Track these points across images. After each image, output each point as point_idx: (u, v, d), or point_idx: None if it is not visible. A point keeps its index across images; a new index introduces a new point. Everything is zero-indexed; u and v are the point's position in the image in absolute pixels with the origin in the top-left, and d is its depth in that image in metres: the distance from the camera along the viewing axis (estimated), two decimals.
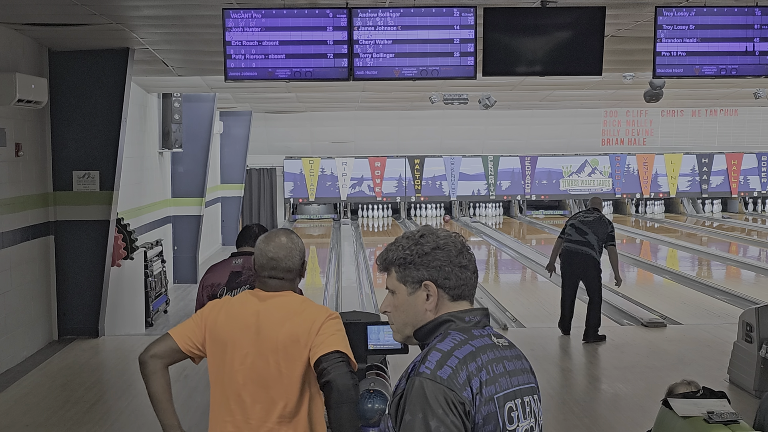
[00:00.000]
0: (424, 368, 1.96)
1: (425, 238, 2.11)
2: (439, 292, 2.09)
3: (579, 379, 7.46)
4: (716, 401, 4.11)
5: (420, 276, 2.09)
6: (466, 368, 1.97)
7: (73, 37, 8.27)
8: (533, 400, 2.11)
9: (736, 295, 11.87)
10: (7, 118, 7.87)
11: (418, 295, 2.09)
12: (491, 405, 1.97)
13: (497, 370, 2.02)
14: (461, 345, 2.01)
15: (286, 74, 6.64)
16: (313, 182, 23.47)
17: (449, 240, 2.11)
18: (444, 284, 2.08)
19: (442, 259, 2.08)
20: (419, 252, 2.09)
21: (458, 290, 2.09)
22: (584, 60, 6.73)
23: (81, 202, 8.92)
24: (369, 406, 4.51)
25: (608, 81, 12.48)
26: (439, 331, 2.07)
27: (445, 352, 1.99)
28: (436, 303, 2.09)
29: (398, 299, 2.13)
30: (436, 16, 6.58)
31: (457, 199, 24.19)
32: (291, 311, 3.03)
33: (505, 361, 2.06)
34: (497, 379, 2.01)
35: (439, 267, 2.08)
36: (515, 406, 2.03)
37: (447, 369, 1.95)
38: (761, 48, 6.72)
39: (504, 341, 2.12)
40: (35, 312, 8.56)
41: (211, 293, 4.72)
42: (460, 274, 2.09)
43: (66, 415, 6.55)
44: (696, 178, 24.50)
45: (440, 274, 2.08)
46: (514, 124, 22.85)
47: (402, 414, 1.95)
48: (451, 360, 1.97)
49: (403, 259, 2.10)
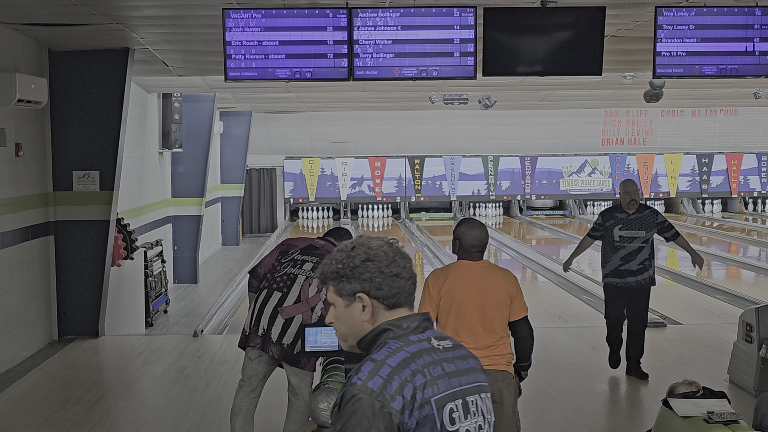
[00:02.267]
0: (356, 379, 2.01)
1: (356, 250, 2.14)
2: (374, 303, 2.13)
3: (579, 379, 7.46)
4: (716, 401, 4.11)
5: (353, 288, 2.13)
6: (398, 376, 2.00)
7: (73, 37, 8.27)
8: (480, 398, 2.15)
9: (736, 295, 11.87)
10: (7, 118, 7.87)
11: (354, 307, 2.14)
12: (427, 408, 2.01)
13: (435, 373, 2.06)
14: (395, 353, 2.05)
15: (286, 74, 6.64)
16: (313, 182, 23.47)
17: (380, 250, 2.14)
18: (377, 295, 2.12)
19: (373, 271, 2.11)
20: (350, 265, 2.13)
21: (393, 299, 2.13)
22: (584, 60, 6.73)
23: (81, 202, 8.92)
24: None
25: (608, 81, 12.47)
26: (379, 341, 2.12)
27: (378, 361, 2.03)
28: (371, 314, 2.13)
29: (338, 311, 2.17)
30: (436, 16, 6.57)
31: (457, 199, 24.19)
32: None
33: (444, 363, 2.10)
34: (435, 382, 2.04)
35: (370, 278, 2.12)
36: (456, 407, 2.07)
37: (378, 379, 1.99)
38: (761, 48, 6.72)
39: (447, 343, 2.16)
40: (35, 312, 8.56)
41: (284, 249, 5.27)
42: (392, 283, 2.12)
43: (66, 415, 6.55)
44: (696, 178, 24.50)
45: (372, 286, 2.12)
46: (514, 124, 22.85)
47: (335, 422, 2.02)
48: (383, 370, 2.01)
49: (336, 272, 2.15)
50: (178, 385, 7.45)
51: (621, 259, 7.27)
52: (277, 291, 5.08)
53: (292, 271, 5.12)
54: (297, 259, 5.20)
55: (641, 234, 7.25)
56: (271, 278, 5.17)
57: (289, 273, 5.12)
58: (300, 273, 5.13)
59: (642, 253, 7.26)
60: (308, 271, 5.13)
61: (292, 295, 5.05)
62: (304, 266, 5.15)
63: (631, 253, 7.26)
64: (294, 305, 5.04)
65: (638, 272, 7.27)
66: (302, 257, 5.19)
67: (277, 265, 5.23)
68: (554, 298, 12.10)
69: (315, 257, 5.19)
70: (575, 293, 12.46)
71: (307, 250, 5.24)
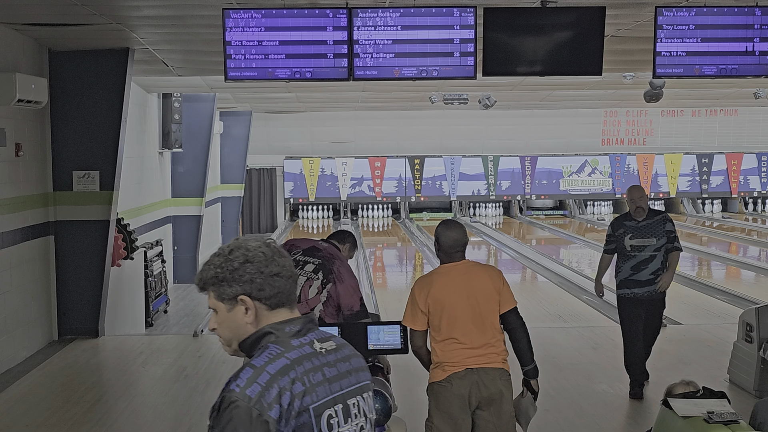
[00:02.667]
0: (234, 385, 2.00)
1: (234, 253, 2.13)
2: (256, 305, 2.12)
3: (579, 379, 7.46)
4: (716, 401, 4.11)
5: (234, 292, 2.12)
6: (277, 384, 2.00)
7: (73, 37, 8.27)
8: (362, 398, 2.16)
9: (736, 295, 11.86)
10: (7, 118, 7.87)
11: (236, 310, 2.13)
12: (305, 416, 2.01)
13: (315, 380, 2.06)
14: (275, 359, 2.04)
15: (286, 74, 6.64)
16: (313, 182, 23.47)
17: (259, 251, 2.14)
18: (259, 296, 2.12)
19: (253, 272, 2.11)
20: (229, 268, 2.12)
21: (275, 299, 2.13)
22: (584, 60, 6.72)
23: (81, 202, 8.92)
24: None
25: (608, 81, 12.47)
26: (261, 344, 2.11)
27: (258, 368, 2.02)
28: (255, 315, 2.13)
29: (220, 316, 2.16)
30: (436, 16, 6.57)
31: (457, 199, 24.19)
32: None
33: (325, 368, 2.10)
34: (314, 389, 2.05)
35: (251, 280, 2.11)
36: (335, 412, 2.08)
37: (256, 387, 1.99)
38: (761, 48, 6.71)
39: (330, 344, 2.16)
40: (35, 312, 8.56)
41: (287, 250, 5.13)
42: (273, 283, 2.12)
43: (66, 415, 6.55)
44: (696, 178, 24.50)
45: (253, 287, 2.11)
46: (514, 124, 22.85)
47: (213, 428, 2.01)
48: (261, 377, 2.00)
49: (215, 277, 2.13)
50: (178, 385, 7.45)
51: (631, 268, 6.85)
52: None
53: None
54: (299, 259, 5.21)
55: (652, 242, 6.80)
56: None
57: None
58: (301, 274, 5.14)
59: (654, 263, 6.79)
60: (309, 273, 5.14)
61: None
62: (305, 267, 5.16)
63: (642, 263, 6.82)
64: None
65: (648, 283, 6.81)
66: (304, 258, 5.21)
67: None
68: (554, 298, 12.10)
69: (317, 259, 5.19)
70: (575, 293, 12.46)
71: (309, 251, 5.25)
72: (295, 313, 2.17)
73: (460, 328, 4.32)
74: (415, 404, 5.94)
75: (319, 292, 5.10)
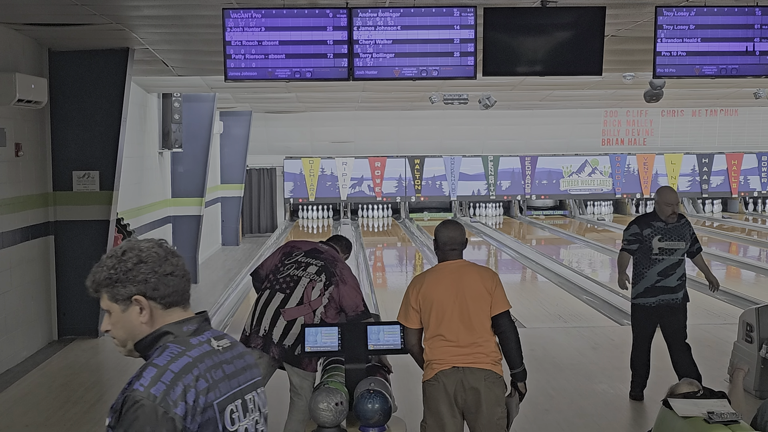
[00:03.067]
0: (138, 385, 2.02)
1: (127, 254, 2.16)
2: (151, 304, 2.15)
3: (579, 379, 7.46)
4: (716, 401, 4.10)
5: (128, 292, 2.14)
6: (181, 382, 2.03)
7: (73, 37, 8.27)
8: (256, 394, 2.23)
9: (736, 295, 11.86)
10: (7, 118, 7.86)
11: (131, 310, 2.15)
12: (210, 411, 2.06)
13: (216, 376, 2.10)
14: (177, 358, 2.07)
15: (286, 74, 6.64)
16: (313, 182, 23.47)
17: (152, 251, 2.17)
18: (154, 295, 2.14)
19: (147, 272, 2.14)
20: (123, 269, 2.15)
21: (169, 298, 2.16)
22: (584, 60, 6.72)
23: (81, 202, 8.92)
24: (369, 407, 4.50)
25: (608, 81, 12.47)
26: (159, 344, 2.14)
27: (161, 367, 2.04)
28: (149, 315, 2.15)
29: (114, 317, 2.18)
30: (436, 16, 6.57)
31: (457, 199, 24.19)
32: None
33: (224, 365, 2.15)
34: (216, 386, 2.09)
35: (145, 280, 2.14)
36: (236, 407, 2.14)
37: (161, 385, 2.01)
38: (761, 48, 6.71)
39: (225, 342, 2.20)
40: (35, 312, 8.55)
41: (288, 251, 5.32)
42: (167, 282, 2.15)
43: (66, 415, 6.55)
44: (696, 178, 24.49)
45: (148, 287, 2.14)
46: (514, 124, 22.85)
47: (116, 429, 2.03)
48: (165, 375, 2.03)
49: (109, 278, 2.16)
50: None
51: (659, 274, 6.44)
52: (279, 292, 5.09)
53: (295, 273, 5.14)
54: (301, 261, 5.21)
55: (681, 245, 6.46)
56: (274, 279, 5.18)
57: (292, 275, 5.13)
58: (304, 275, 5.14)
59: (680, 267, 6.48)
60: (312, 274, 5.14)
61: (295, 296, 5.07)
62: (308, 269, 5.17)
63: (671, 267, 6.45)
64: (296, 307, 5.05)
65: (676, 289, 6.47)
66: (306, 260, 5.21)
67: (280, 266, 5.24)
68: (554, 298, 12.10)
69: (320, 260, 5.20)
70: (575, 293, 12.45)
71: (311, 252, 5.25)
72: (188, 312, 2.21)
73: (447, 326, 4.32)
74: (415, 404, 5.93)
75: (322, 294, 5.10)
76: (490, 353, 4.33)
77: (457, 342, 4.30)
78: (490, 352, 4.34)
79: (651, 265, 6.48)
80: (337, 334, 4.90)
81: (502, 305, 4.39)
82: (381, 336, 4.91)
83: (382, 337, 4.91)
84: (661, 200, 6.49)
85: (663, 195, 6.50)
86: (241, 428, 2.14)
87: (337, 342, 4.89)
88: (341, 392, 4.61)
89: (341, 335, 4.90)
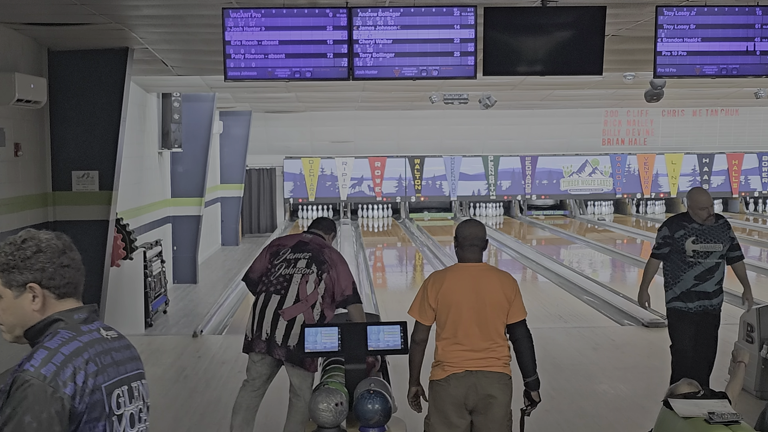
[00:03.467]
0: (28, 365, 2.08)
1: (27, 243, 2.23)
2: (45, 293, 2.22)
3: (579, 379, 7.45)
4: (717, 402, 4.09)
5: (24, 279, 2.21)
6: (72, 364, 2.11)
7: (73, 37, 8.25)
8: (141, 384, 2.33)
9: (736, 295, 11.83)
10: (6, 118, 7.85)
11: (24, 297, 2.22)
12: (98, 394, 2.15)
13: (105, 361, 2.20)
14: (69, 342, 2.15)
15: (286, 74, 6.63)
16: (313, 182, 23.46)
17: (51, 242, 2.24)
18: (49, 284, 2.22)
19: (45, 261, 2.21)
20: (22, 256, 2.21)
21: (64, 288, 2.24)
22: (585, 59, 6.71)
23: (80, 202, 8.90)
24: (369, 407, 4.49)
25: (609, 81, 12.46)
26: (49, 331, 2.21)
27: (52, 349, 2.12)
28: (42, 303, 2.22)
29: (5, 303, 2.24)
30: (436, 15, 6.56)
31: (458, 199, 24.18)
32: None
33: (113, 352, 2.24)
34: (105, 370, 2.18)
35: (42, 269, 2.21)
36: (122, 392, 2.23)
37: (51, 366, 2.08)
38: (762, 48, 6.70)
39: (113, 333, 2.30)
40: None
41: (275, 251, 5.31)
42: (63, 274, 2.23)
43: None
44: (697, 178, 24.48)
45: (44, 275, 2.21)
46: (515, 124, 22.84)
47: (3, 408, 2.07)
48: (56, 357, 2.10)
49: (6, 264, 2.22)
50: (177, 386, 7.44)
51: (696, 278, 5.99)
52: (275, 294, 5.09)
53: (287, 272, 5.14)
54: (290, 258, 5.21)
55: (718, 248, 6.00)
56: (267, 281, 5.18)
57: (284, 274, 5.13)
58: (295, 272, 5.14)
59: (719, 271, 6.02)
60: (303, 268, 5.15)
61: (290, 295, 5.07)
62: (298, 264, 5.17)
63: (708, 271, 6.00)
64: (294, 306, 5.05)
65: (714, 294, 6.05)
66: (294, 255, 5.21)
67: (270, 267, 5.24)
68: (554, 298, 12.09)
69: (307, 252, 5.21)
70: (575, 293, 12.45)
71: (297, 247, 5.25)
72: (80, 303, 2.29)
73: (463, 329, 4.31)
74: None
75: (317, 285, 5.11)
76: (502, 356, 4.34)
77: (471, 347, 4.29)
78: (502, 355, 4.34)
79: (687, 268, 6.03)
80: (337, 334, 4.89)
81: (519, 314, 4.40)
82: (381, 336, 4.91)
83: (382, 337, 4.90)
84: (694, 204, 6.02)
85: (694, 198, 6.03)
86: (127, 413, 2.23)
87: (337, 342, 4.88)
88: (341, 392, 4.60)
89: (341, 335, 4.89)
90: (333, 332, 4.90)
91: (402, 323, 4.97)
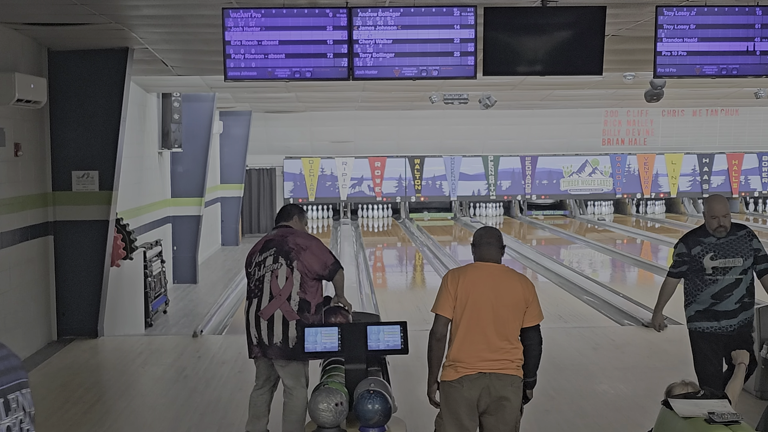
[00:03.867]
0: None
1: None
2: None
3: (579, 379, 7.45)
4: (717, 402, 4.09)
5: None
6: None
7: (73, 37, 8.25)
8: (21, 394, 2.27)
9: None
10: (6, 118, 7.85)
11: None
12: None
13: None
14: None
15: (286, 74, 6.63)
16: (313, 182, 23.46)
17: None
18: None
19: None
20: None
21: None
22: (585, 59, 6.71)
23: (80, 202, 8.90)
24: (369, 407, 4.49)
25: (609, 81, 12.46)
26: None
27: None
28: None
29: None
30: (436, 15, 6.56)
31: (458, 199, 24.18)
32: None
33: None
34: None
35: None
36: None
37: None
38: (762, 48, 6.70)
39: None
40: (34, 312, 8.54)
41: (248, 260, 5.37)
42: None
43: (65, 415, 6.54)
44: (697, 178, 24.49)
45: None
46: (515, 124, 22.84)
47: None
48: None
49: None
50: (177, 386, 7.44)
51: (713, 296, 5.52)
52: (253, 298, 5.26)
53: (259, 274, 5.26)
54: (259, 261, 5.31)
55: (738, 262, 5.49)
56: (248, 289, 5.36)
57: (258, 277, 5.26)
58: (265, 272, 5.22)
59: (740, 288, 5.50)
60: (270, 266, 5.22)
61: (265, 295, 5.19)
62: (266, 263, 5.25)
63: (726, 288, 5.50)
64: (269, 304, 5.17)
65: (734, 314, 5.50)
66: (262, 256, 5.29)
67: (249, 275, 5.37)
68: (554, 299, 12.09)
69: (272, 248, 5.26)
70: (575, 293, 12.45)
71: (264, 247, 5.33)
72: None
73: (479, 328, 4.28)
74: (415, 404, 5.92)
75: (289, 276, 5.15)
76: (516, 359, 4.32)
77: (487, 347, 4.27)
78: (516, 358, 4.32)
79: (704, 287, 5.58)
80: (337, 334, 4.90)
81: (535, 318, 4.38)
82: (381, 336, 4.90)
83: (382, 337, 4.90)
84: (707, 212, 5.57)
85: (709, 205, 5.57)
86: (2, 426, 2.20)
87: (337, 342, 4.88)
88: (341, 393, 4.61)
89: (341, 335, 4.90)
90: (333, 332, 4.90)
91: (402, 323, 4.97)
